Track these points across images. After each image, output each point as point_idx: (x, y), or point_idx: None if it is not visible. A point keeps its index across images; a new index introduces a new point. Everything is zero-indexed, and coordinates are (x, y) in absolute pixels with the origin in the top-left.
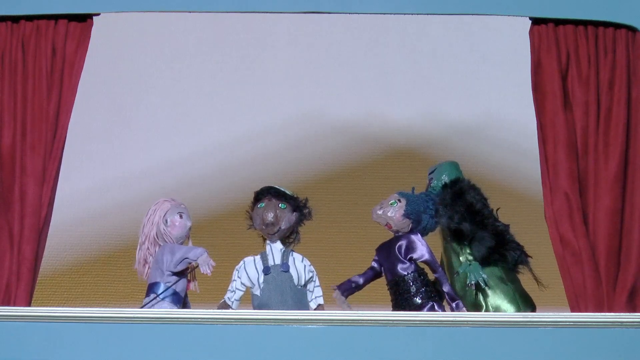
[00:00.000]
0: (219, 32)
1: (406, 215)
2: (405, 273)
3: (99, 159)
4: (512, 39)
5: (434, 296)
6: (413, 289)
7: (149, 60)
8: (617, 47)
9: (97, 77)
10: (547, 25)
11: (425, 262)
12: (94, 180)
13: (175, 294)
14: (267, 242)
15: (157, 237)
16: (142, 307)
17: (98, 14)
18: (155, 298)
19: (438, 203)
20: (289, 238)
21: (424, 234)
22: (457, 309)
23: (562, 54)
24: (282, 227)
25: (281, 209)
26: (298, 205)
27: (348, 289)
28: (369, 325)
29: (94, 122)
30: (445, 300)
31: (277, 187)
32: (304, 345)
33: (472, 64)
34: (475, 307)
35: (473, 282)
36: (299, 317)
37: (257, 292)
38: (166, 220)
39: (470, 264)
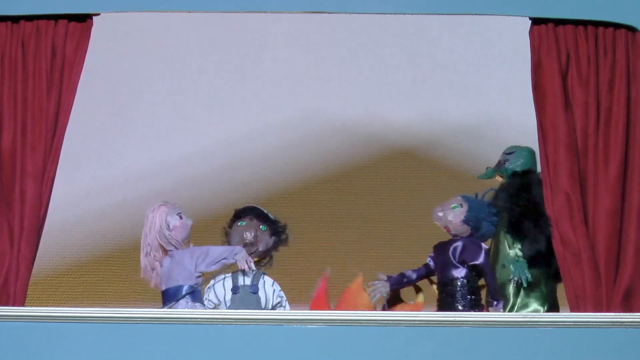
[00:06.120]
0: (219, 32)
1: (466, 221)
2: (456, 276)
3: (99, 159)
4: (512, 39)
5: (478, 307)
6: (458, 294)
7: (149, 60)
8: (616, 47)
9: (97, 77)
10: (547, 25)
11: (476, 266)
12: (94, 180)
13: (196, 293)
14: None
15: (163, 243)
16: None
17: (98, 14)
18: (187, 301)
19: (503, 189)
20: (262, 260)
21: (482, 240)
22: (495, 307)
23: (562, 54)
24: (260, 249)
25: (262, 230)
26: (277, 230)
27: (398, 283)
28: (369, 325)
29: (94, 122)
30: (487, 296)
31: (260, 208)
32: (304, 345)
33: (472, 64)
34: (505, 299)
35: (516, 279)
36: (299, 317)
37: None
38: (168, 225)
39: (517, 260)
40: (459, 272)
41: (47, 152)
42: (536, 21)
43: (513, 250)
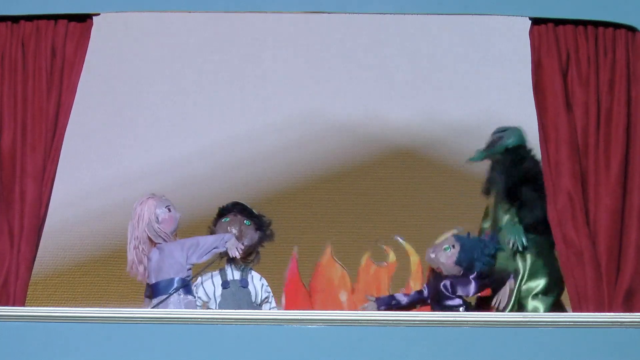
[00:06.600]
0: (219, 32)
1: (458, 263)
2: (453, 305)
3: (99, 158)
4: (512, 39)
5: None
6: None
7: (149, 60)
8: (616, 47)
9: (97, 77)
10: (547, 25)
11: (474, 295)
12: (94, 180)
13: (189, 285)
14: (226, 258)
15: (152, 236)
16: (157, 305)
17: (98, 14)
18: (179, 294)
19: (498, 162)
20: (249, 257)
21: (475, 277)
22: (509, 282)
23: (562, 54)
24: (245, 243)
25: (246, 225)
26: (262, 225)
27: (386, 304)
28: (369, 325)
29: (94, 122)
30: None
31: (243, 203)
32: (304, 345)
33: (472, 64)
34: (515, 271)
35: (512, 241)
36: (299, 317)
37: (214, 306)
38: (157, 218)
39: (514, 225)
40: (456, 302)
41: (47, 152)
42: (536, 21)
43: (508, 215)
